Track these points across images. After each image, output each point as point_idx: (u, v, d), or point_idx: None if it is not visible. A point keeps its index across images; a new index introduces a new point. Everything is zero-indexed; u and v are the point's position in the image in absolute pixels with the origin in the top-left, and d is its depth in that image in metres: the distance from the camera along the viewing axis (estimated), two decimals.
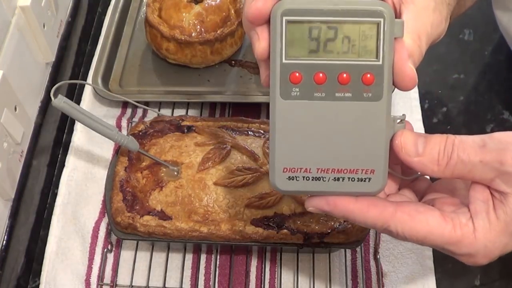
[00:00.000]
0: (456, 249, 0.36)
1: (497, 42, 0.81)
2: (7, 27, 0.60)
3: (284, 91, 0.35)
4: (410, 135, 0.36)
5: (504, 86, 0.77)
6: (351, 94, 0.35)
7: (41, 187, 0.67)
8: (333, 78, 0.35)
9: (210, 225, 0.56)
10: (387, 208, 0.36)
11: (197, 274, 0.62)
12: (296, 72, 0.35)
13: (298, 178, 0.36)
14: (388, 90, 0.35)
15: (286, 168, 0.36)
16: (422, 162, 0.36)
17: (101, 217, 0.65)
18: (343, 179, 0.36)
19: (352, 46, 0.34)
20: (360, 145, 0.36)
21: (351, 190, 0.37)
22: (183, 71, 0.75)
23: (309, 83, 0.35)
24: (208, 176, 0.58)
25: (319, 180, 0.36)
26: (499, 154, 0.34)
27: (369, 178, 0.36)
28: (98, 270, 0.62)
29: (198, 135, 0.62)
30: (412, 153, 0.36)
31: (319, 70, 0.35)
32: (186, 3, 0.72)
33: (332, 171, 0.36)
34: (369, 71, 0.35)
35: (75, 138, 0.71)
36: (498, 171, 0.34)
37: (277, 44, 0.34)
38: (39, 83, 0.68)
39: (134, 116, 0.73)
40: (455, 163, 0.35)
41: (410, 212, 0.36)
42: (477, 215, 0.36)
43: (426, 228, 0.36)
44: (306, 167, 0.36)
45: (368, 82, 0.35)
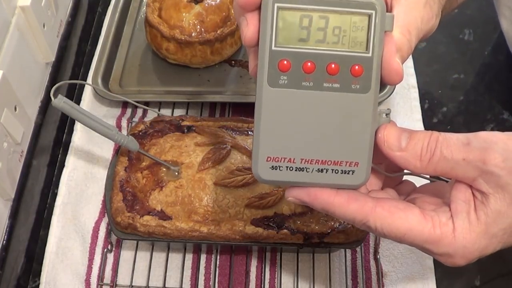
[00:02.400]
0: (435, 248, 0.36)
1: (497, 42, 0.81)
2: (7, 27, 0.60)
3: (271, 78, 0.34)
4: (393, 129, 0.36)
5: (504, 86, 0.77)
6: (339, 85, 0.35)
7: (41, 187, 0.67)
8: (321, 68, 0.34)
9: (210, 225, 0.56)
10: (367, 203, 0.36)
11: (197, 274, 0.62)
12: (285, 59, 0.34)
13: (282, 168, 0.36)
14: (376, 83, 0.35)
15: (270, 157, 0.36)
16: (404, 157, 0.35)
17: (101, 217, 0.65)
18: (327, 171, 0.36)
19: (343, 37, 0.34)
20: (345, 137, 0.35)
21: (334, 182, 0.36)
22: (183, 71, 0.75)
23: (298, 72, 0.34)
24: (208, 176, 0.58)
25: (302, 170, 0.36)
26: (483, 153, 0.34)
27: (352, 170, 0.36)
28: (98, 270, 0.62)
29: (198, 135, 0.62)
30: (394, 147, 0.36)
31: (308, 59, 0.34)
32: (186, 3, 0.72)
33: (316, 162, 0.36)
34: (358, 63, 0.34)
35: (75, 138, 0.71)
36: (481, 170, 0.34)
37: (267, 31, 0.34)
38: (39, 83, 0.68)
39: (134, 116, 0.73)
40: (438, 160, 0.35)
41: (390, 209, 0.36)
42: (457, 215, 0.35)
43: (406, 225, 0.35)
44: (290, 157, 0.36)
45: (356, 74, 0.35)
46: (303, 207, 0.56)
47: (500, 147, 0.34)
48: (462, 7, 0.85)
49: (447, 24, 0.83)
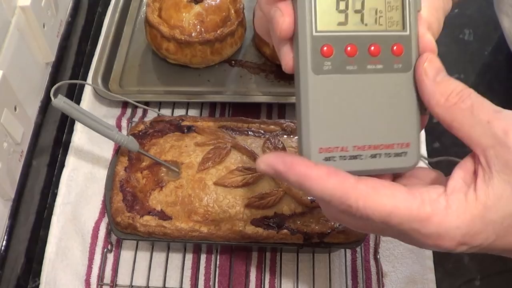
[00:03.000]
0: (422, 228, 0.32)
1: (497, 42, 0.81)
2: (7, 27, 0.59)
3: (316, 65, 0.33)
4: (438, 61, 0.35)
5: (504, 86, 0.77)
6: (382, 65, 0.34)
7: (41, 187, 0.67)
8: (363, 50, 0.34)
9: (210, 225, 0.56)
10: (348, 179, 0.33)
11: (197, 274, 0.62)
12: (327, 45, 0.33)
13: (335, 158, 0.34)
14: (416, 60, 0.35)
15: (322, 148, 0.34)
16: (433, 88, 0.34)
17: (101, 217, 0.65)
18: (380, 156, 0.35)
19: (379, 17, 0.34)
20: (393, 118, 0.35)
21: (388, 166, 0.35)
22: (183, 71, 0.75)
23: (341, 56, 0.34)
24: (208, 176, 0.58)
25: (356, 158, 0.35)
26: (509, 125, 0.31)
27: (404, 152, 0.35)
28: (98, 270, 0.62)
29: (198, 135, 0.62)
30: (431, 75, 0.34)
31: (350, 42, 0.34)
32: (186, 3, 0.72)
33: (368, 148, 0.35)
34: (398, 42, 0.34)
35: (75, 138, 0.71)
36: (499, 140, 0.31)
37: (306, 17, 0.33)
38: (39, 83, 0.68)
39: (134, 116, 0.73)
40: (463, 109, 0.33)
41: (375, 185, 0.33)
42: (453, 193, 0.32)
43: (392, 203, 0.32)
44: (343, 146, 0.34)
45: (397, 53, 0.34)
46: (303, 207, 0.56)
47: None
48: (462, 7, 0.85)
49: (447, 24, 0.83)
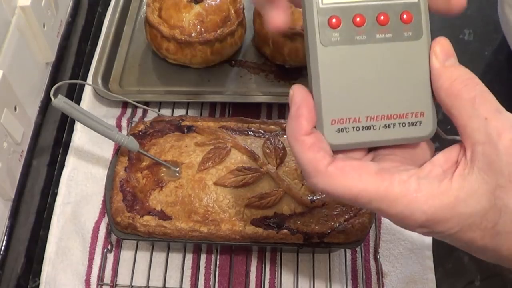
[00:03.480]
0: (389, 208, 0.32)
1: (497, 42, 0.81)
2: (7, 27, 0.60)
3: (324, 37, 0.33)
4: (450, 46, 0.35)
5: (504, 86, 0.77)
6: (392, 34, 0.34)
7: (41, 187, 0.67)
8: (372, 19, 0.34)
9: (210, 225, 0.56)
10: (324, 159, 0.33)
11: (197, 274, 0.62)
12: (334, 16, 0.33)
13: (348, 129, 0.34)
14: (427, 28, 0.34)
15: (335, 119, 0.34)
16: (440, 71, 0.34)
17: (101, 217, 0.65)
18: (394, 125, 0.34)
19: None
20: (406, 87, 0.34)
21: (403, 136, 0.35)
22: (183, 71, 0.75)
23: (349, 27, 0.33)
24: (208, 176, 0.58)
25: (369, 129, 0.34)
26: (504, 128, 0.31)
27: (419, 121, 0.35)
28: (98, 270, 0.62)
29: (198, 135, 0.62)
30: (440, 58, 0.34)
31: (357, 12, 0.33)
32: (186, 3, 0.72)
33: (381, 118, 0.34)
34: (407, 10, 0.34)
35: (75, 138, 0.71)
36: (489, 139, 0.31)
37: None
38: (39, 83, 0.68)
39: (134, 116, 0.73)
40: (466, 98, 0.32)
41: (344, 168, 0.33)
42: (428, 177, 0.32)
43: (359, 186, 0.32)
44: (355, 117, 0.34)
45: (407, 21, 0.34)
46: (303, 207, 0.56)
47: None
48: None
49: (447, 24, 0.83)
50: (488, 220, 0.32)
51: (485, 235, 0.32)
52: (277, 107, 0.74)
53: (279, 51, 0.72)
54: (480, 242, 0.32)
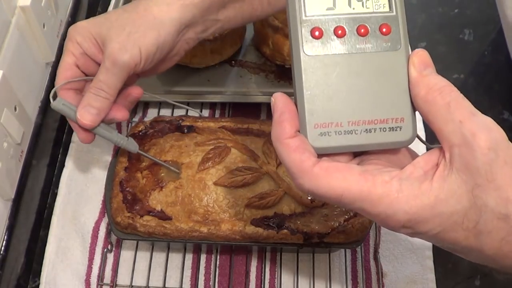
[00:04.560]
0: (372, 207, 0.34)
1: (497, 42, 0.81)
2: (7, 27, 0.59)
3: (307, 46, 0.36)
4: (428, 57, 0.36)
5: (504, 86, 0.77)
6: (371, 45, 0.36)
7: (41, 187, 0.67)
8: (352, 31, 0.36)
9: (210, 225, 0.56)
10: (309, 159, 0.35)
11: (197, 274, 0.62)
12: (317, 28, 0.36)
13: (330, 133, 0.36)
14: (405, 39, 0.37)
15: (318, 124, 0.36)
16: (418, 80, 0.35)
17: (101, 217, 0.65)
18: (375, 130, 0.36)
19: (366, 1, 0.36)
20: (386, 94, 0.36)
21: (384, 140, 0.37)
22: (183, 71, 0.75)
23: (330, 37, 0.36)
24: (208, 176, 0.58)
25: (351, 133, 0.36)
26: (479, 129, 0.32)
27: (399, 126, 0.37)
28: (98, 270, 0.62)
29: (198, 135, 0.62)
30: (418, 68, 0.36)
31: (338, 24, 0.36)
32: None
33: (363, 123, 0.36)
34: (385, 22, 0.36)
35: (75, 138, 0.71)
36: (465, 141, 0.32)
37: (296, 3, 0.36)
38: (39, 83, 0.68)
39: (134, 116, 0.73)
40: (441, 104, 0.34)
41: (329, 168, 0.34)
42: (409, 178, 0.34)
43: (343, 185, 0.34)
44: (337, 121, 0.36)
45: (385, 33, 0.36)
46: (303, 207, 0.56)
47: (497, 137, 0.33)
48: (462, 7, 0.85)
49: (447, 24, 0.83)
50: (469, 220, 0.33)
51: (468, 236, 0.33)
52: None
53: (279, 51, 0.72)
54: (464, 242, 0.33)
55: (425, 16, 0.84)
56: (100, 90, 0.52)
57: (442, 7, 0.85)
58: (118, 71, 0.52)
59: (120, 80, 0.53)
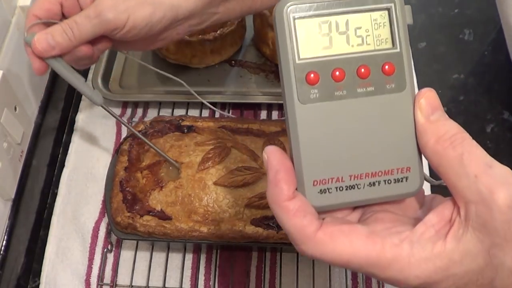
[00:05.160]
0: (382, 273, 0.31)
1: (497, 42, 0.81)
2: (7, 27, 0.60)
3: (302, 95, 0.32)
4: (436, 98, 0.33)
5: (504, 86, 0.77)
6: (374, 87, 0.32)
7: (41, 187, 0.67)
8: (352, 73, 0.32)
9: (210, 225, 0.56)
10: (312, 224, 0.32)
11: (197, 274, 0.62)
12: (312, 72, 0.32)
13: (331, 190, 0.33)
14: (410, 78, 0.33)
15: (317, 180, 0.33)
16: (425, 127, 0.32)
17: (101, 217, 0.65)
18: (379, 183, 0.33)
19: (366, 36, 0.32)
20: (390, 142, 0.33)
21: (389, 194, 0.33)
22: (183, 71, 0.75)
23: (328, 82, 0.32)
24: (208, 176, 0.58)
25: (353, 188, 0.33)
26: (497, 184, 0.30)
27: (405, 177, 0.33)
28: (98, 270, 0.62)
29: (198, 135, 0.62)
30: (425, 112, 0.33)
31: (336, 66, 0.32)
32: None
33: (366, 176, 0.33)
34: (389, 61, 0.33)
35: (75, 138, 0.71)
36: (482, 198, 0.30)
37: (287, 45, 0.32)
38: (39, 83, 0.68)
39: (134, 116, 0.73)
40: (453, 155, 0.31)
41: (333, 233, 0.32)
42: (421, 240, 0.31)
43: (349, 251, 0.31)
44: (338, 176, 0.33)
45: (389, 73, 0.33)
46: None
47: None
48: (462, 7, 0.85)
49: (447, 24, 0.83)
50: (484, 277, 0.31)
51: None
52: (277, 107, 0.74)
53: None
54: None
55: (425, 16, 0.84)
56: (70, 29, 0.49)
57: (442, 7, 0.85)
58: (97, 23, 0.49)
59: (93, 33, 0.49)
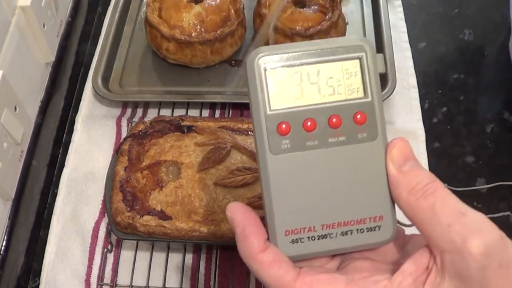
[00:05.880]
0: None
1: (497, 42, 0.81)
2: (7, 27, 0.60)
3: (273, 145, 0.32)
4: (408, 148, 0.33)
5: (504, 86, 0.77)
6: (345, 137, 0.33)
7: (41, 187, 0.67)
8: (323, 123, 0.32)
9: (210, 225, 0.56)
10: (289, 273, 0.32)
11: (197, 274, 0.62)
12: (284, 123, 0.32)
13: (303, 239, 0.33)
14: (382, 127, 0.33)
15: (288, 230, 0.33)
16: (398, 179, 0.32)
17: (101, 217, 0.65)
18: (351, 232, 0.33)
19: (338, 86, 0.33)
20: (362, 191, 0.33)
21: (361, 243, 0.33)
22: (183, 71, 0.75)
23: (299, 133, 0.32)
24: (208, 176, 0.58)
25: (325, 238, 0.33)
26: (469, 232, 0.30)
27: (378, 226, 0.33)
28: (98, 270, 0.62)
29: (198, 135, 0.62)
30: (397, 164, 0.33)
31: (308, 116, 0.32)
32: (186, 3, 0.72)
33: (338, 225, 0.33)
34: (360, 110, 0.33)
35: (75, 138, 0.71)
36: (455, 247, 0.30)
37: (259, 96, 0.32)
38: (39, 83, 0.68)
39: (134, 116, 0.73)
40: (426, 206, 0.31)
41: (311, 283, 0.31)
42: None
43: None
44: (310, 226, 0.33)
45: (361, 122, 0.33)
46: None
47: (490, 240, 0.30)
48: (462, 7, 0.85)
49: (447, 24, 0.83)
50: None
51: None
52: None
53: None
54: None
55: (425, 16, 0.84)
56: None
57: (442, 7, 0.85)
58: None
59: None
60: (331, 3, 0.73)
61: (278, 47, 0.33)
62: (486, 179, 0.67)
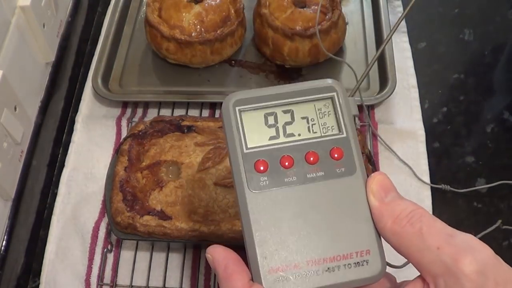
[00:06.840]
0: None
1: (497, 42, 0.81)
2: (7, 27, 0.60)
3: (251, 182, 0.33)
4: (387, 180, 0.33)
5: (504, 86, 0.77)
6: (323, 172, 0.33)
7: (41, 187, 0.67)
8: (300, 159, 0.33)
9: (210, 225, 0.56)
10: None
11: (197, 274, 0.62)
12: (261, 160, 0.33)
13: (288, 277, 0.32)
14: (360, 161, 0.34)
15: (272, 268, 0.32)
16: (381, 210, 0.32)
17: (101, 217, 0.65)
18: (339, 268, 0.32)
19: (312, 125, 0.34)
20: (347, 226, 0.33)
21: (350, 278, 0.32)
22: (183, 71, 0.75)
23: (277, 170, 0.33)
24: (208, 176, 0.58)
25: (312, 274, 0.32)
26: (460, 252, 0.29)
27: (365, 260, 0.32)
28: (98, 270, 0.62)
29: (198, 135, 0.62)
30: (378, 196, 0.32)
31: (284, 154, 0.33)
32: (186, 3, 0.72)
33: (324, 261, 0.32)
34: (337, 146, 0.33)
35: (75, 138, 0.71)
36: (448, 269, 0.29)
37: (235, 136, 0.33)
38: (39, 83, 0.68)
39: (134, 116, 0.73)
40: (412, 232, 0.30)
41: None
42: None
43: None
44: (294, 263, 0.32)
45: (338, 157, 0.33)
46: None
47: (482, 257, 0.29)
48: (462, 7, 0.85)
49: (447, 24, 0.83)
50: None
51: None
52: None
53: (279, 51, 0.72)
54: None
55: (425, 16, 0.84)
56: None
57: (442, 7, 0.85)
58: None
59: None
60: (331, 3, 0.73)
61: (253, 91, 0.34)
62: (486, 179, 0.67)
